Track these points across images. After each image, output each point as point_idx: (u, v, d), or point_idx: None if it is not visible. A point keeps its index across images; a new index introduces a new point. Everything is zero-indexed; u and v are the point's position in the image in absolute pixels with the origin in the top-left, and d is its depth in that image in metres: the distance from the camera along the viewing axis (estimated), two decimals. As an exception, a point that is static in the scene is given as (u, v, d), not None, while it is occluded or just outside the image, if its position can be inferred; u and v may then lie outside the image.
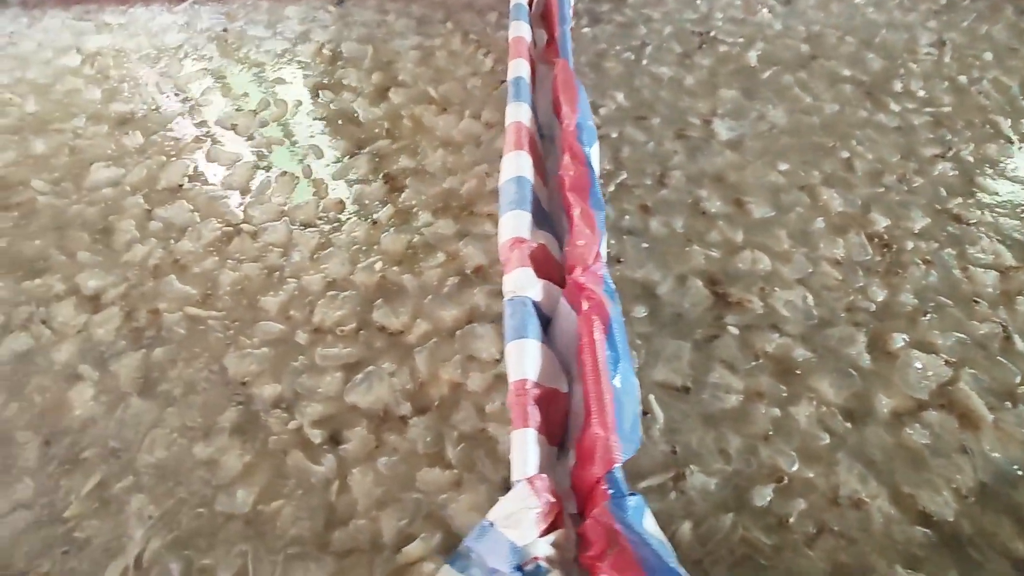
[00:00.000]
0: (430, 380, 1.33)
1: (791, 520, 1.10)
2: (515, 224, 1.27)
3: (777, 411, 1.24)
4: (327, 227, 1.61)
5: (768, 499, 1.12)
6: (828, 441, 1.20)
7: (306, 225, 1.62)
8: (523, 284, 1.18)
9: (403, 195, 1.68)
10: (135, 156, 1.84)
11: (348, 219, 1.62)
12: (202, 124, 1.93)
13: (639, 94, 2.01)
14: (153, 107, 2.01)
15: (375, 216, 1.63)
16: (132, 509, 1.16)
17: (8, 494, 1.18)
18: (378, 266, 1.52)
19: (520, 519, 0.88)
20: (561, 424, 1.14)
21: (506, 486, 1.16)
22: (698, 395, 1.28)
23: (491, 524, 0.88)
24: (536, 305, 1.17)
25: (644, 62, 2.14)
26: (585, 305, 1.09)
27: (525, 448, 0.96)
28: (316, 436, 1.24)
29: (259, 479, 1.21)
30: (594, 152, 1.45)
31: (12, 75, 2.11)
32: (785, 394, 1.27)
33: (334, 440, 1.26)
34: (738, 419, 1.24)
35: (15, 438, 1.25)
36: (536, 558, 0.90)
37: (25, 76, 2.10)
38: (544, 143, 1.63)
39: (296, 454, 1.23)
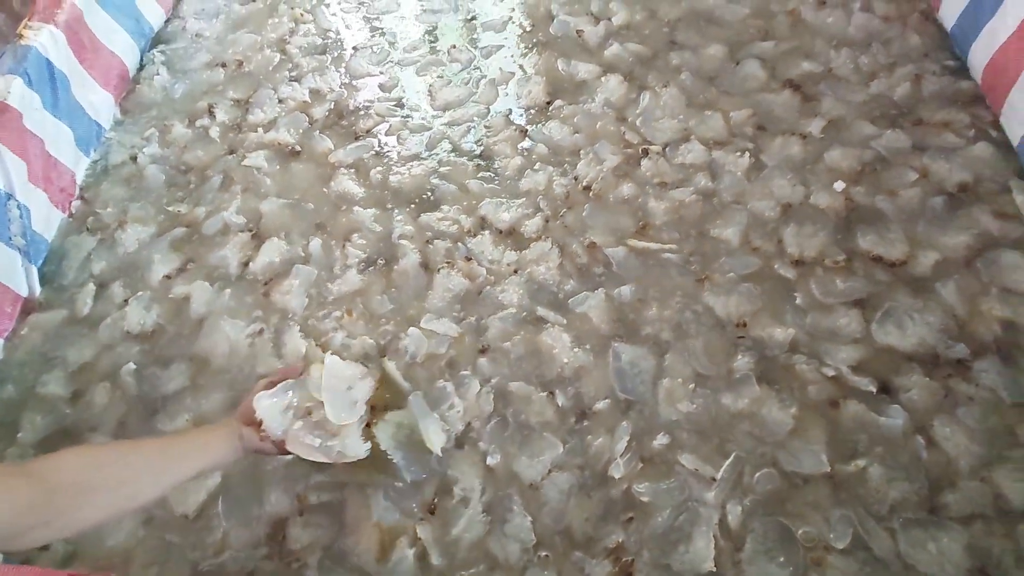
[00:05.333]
0: (972, 318, 1.13)
1: None
2: None
3: None
4: (748, 144, 1.38)
5: None
6: None
7: (720, 144, 1.40)
8: None
9: (824, 104, 1.43)
10: (472, 69, 1.60)
11: (768, 136, 1.37)
12: (532, 32, 1.65)
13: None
14: (470, 16, 1.73)
15: (802, 131, 1.40)
16: (686, 470, 1.03)
17: (536, 451, 1.04)
18: (838, 186, 1.31)
19: None
20: None
21: None
22: None
23: None
24: None
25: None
26: None
27: None
28: (866, 384, 1.07)
29: (818, 434, 1.05)
30: None
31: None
32: None
33: (886, 389, 1.09)
34: None
35: (511, 391, 1.10)
36: None
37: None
38: None
39: (853, 405, 1.06)
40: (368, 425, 0.89)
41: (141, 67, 1.71)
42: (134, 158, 1.52)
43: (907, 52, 1.48)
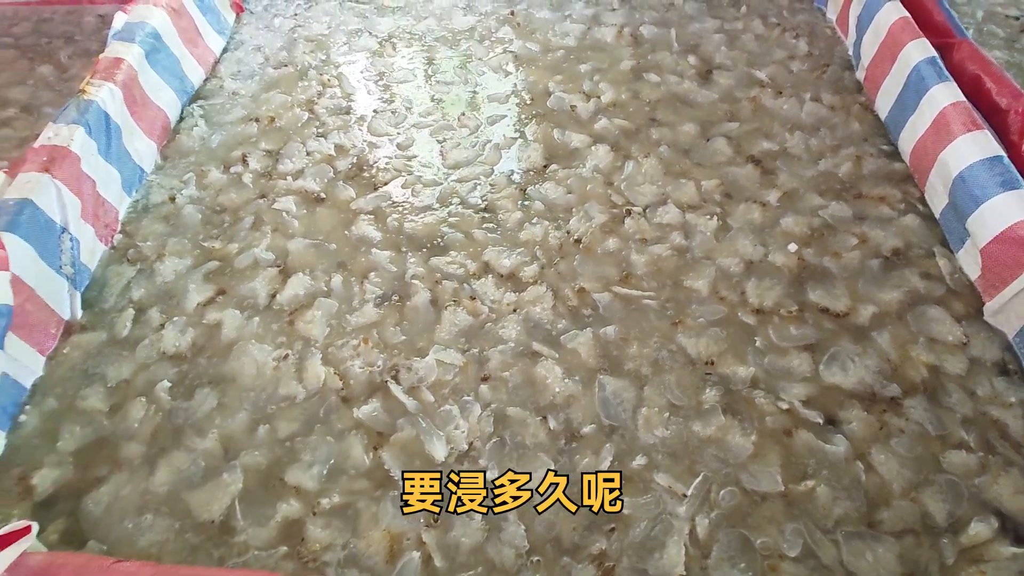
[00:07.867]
0: (903, 362, 1.31)
1: None
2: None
3: None
4: (716, 209, 1.60)
5: None
6: None
7: (693, 208, 1.61)
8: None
9: (780, 178, 1.66)
10: (479, 134, 1.82)
11: (733, 202, 1.59)
12: (532, 105, 1.89)
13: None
14: (477, 87, 1.98)
15: (762, 199, 1.61)
16: (661, 487, 1.16)
17: (530, 468, 1.17)
18: (792, 248, 1.50)
19: None
20: None
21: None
22: None
23: None
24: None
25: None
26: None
27: None
28: (815, 416, 1.24)
29: (774, 458, 1.20)
30: None
31: (316, 56, 2.13)
32: None
33: (831, 421, 1.25)
34: None
35: (509, 415, 1.25)
36: None
37: (330, 58, 2.12)
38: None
39: (803, 434, 1.22)
40: None
41: (181, 119, 1.90)
42: (172, 198, 1.68)
43: (849, 136, 1.75)
